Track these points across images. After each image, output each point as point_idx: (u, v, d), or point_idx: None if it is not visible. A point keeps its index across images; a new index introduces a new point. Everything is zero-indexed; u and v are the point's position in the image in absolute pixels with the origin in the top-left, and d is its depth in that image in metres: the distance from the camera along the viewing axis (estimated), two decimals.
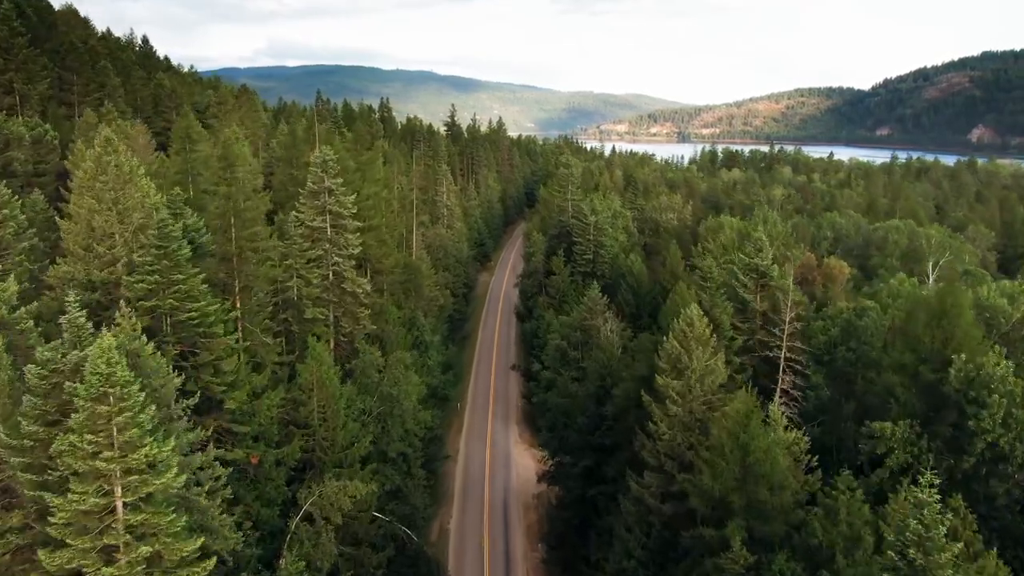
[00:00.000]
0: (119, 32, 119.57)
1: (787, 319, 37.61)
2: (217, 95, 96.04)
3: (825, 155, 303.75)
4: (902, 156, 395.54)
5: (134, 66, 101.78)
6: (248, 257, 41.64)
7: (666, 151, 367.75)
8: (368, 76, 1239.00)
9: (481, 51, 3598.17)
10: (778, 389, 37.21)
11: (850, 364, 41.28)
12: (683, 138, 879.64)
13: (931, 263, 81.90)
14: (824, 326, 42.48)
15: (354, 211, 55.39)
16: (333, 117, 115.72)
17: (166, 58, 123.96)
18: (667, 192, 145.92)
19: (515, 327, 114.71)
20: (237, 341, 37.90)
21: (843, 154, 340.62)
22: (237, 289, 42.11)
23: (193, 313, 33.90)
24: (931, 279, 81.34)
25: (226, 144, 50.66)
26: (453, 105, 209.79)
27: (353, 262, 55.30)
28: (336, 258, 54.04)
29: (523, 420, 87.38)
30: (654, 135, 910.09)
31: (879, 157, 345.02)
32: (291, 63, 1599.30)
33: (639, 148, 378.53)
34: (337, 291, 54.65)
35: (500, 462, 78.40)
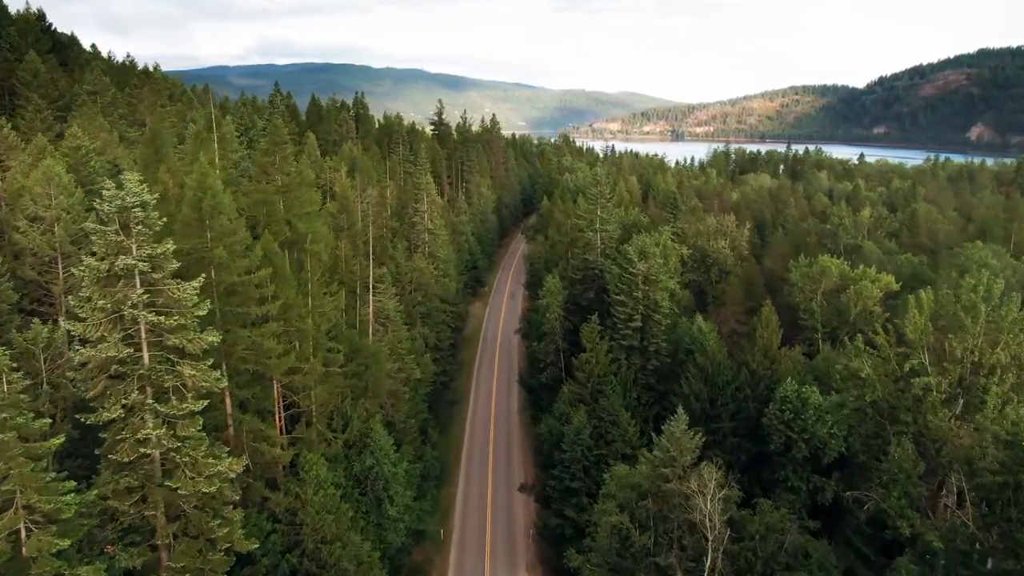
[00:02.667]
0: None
1: None
2: (90, 81, 65.51)
3: (841, 155, 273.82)
4: (902, 155, 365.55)
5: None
6: None
7: (661, 150, 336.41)
8: (358, 74, 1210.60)
9: (472, 49, 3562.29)
10: None
11: None
12: (677, 137, 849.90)
13: None
14: None
15: (204, 310, 25.13)
16: (266, 114, 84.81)
17: (67, 35, 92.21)
18: (701, 207, 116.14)
19: (517, 396, 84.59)
20: None
21: (843, 153, 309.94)
22: None
23: None
24: None
25: None
26: (440, 101, 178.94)
27: (198, 427, 24.96)
28: (153, 429, 23.73)
29: (536, 562, 57.60)
30: (647, 134, 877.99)
31: (880, 156, 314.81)
32: (282, 61, 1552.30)
33: (632, 147, 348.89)
34: (158, 496, 24.37)
35: None
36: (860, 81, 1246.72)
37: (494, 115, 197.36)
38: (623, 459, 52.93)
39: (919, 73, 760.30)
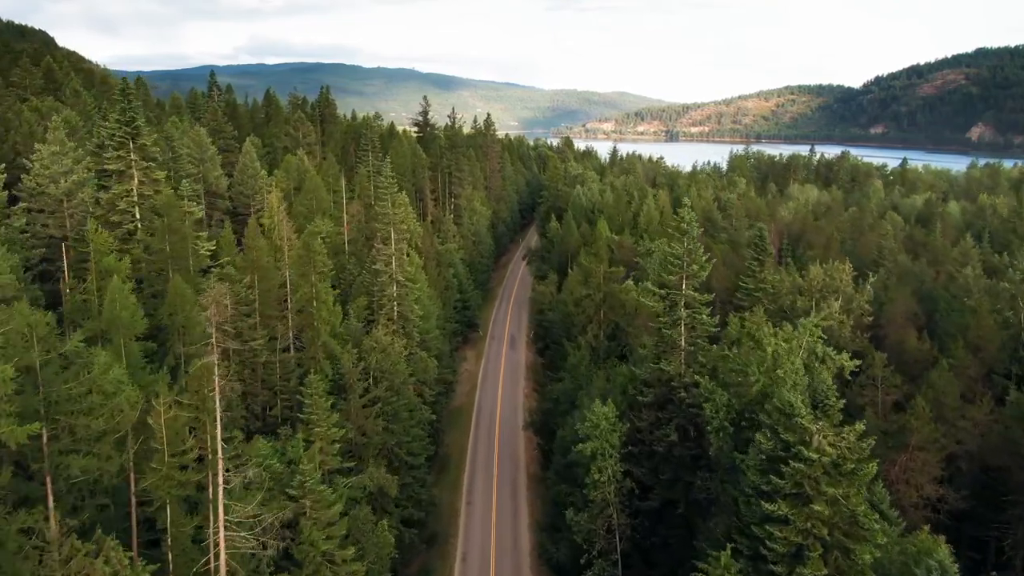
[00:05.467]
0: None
1: None
2: None
3: (876, 160, 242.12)
4: (903, 155, 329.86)
5: None
6: None
7: (657, 151, 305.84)
8: (349, 74, 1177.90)
9: (464, 49, 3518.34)
10: None
11: None
12: (671, 137, 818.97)
13: None
14: None
15: None
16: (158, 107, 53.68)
17: None
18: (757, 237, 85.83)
19: (530, 539, 54.28)
20: None
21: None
22: None
23: None
24: None
25: None
26: (426, 99, 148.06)
27: None
28: None
29: None
30: (641, 134, 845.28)
31: (880, 156, 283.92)
32: (272, 61, 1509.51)
33: (628, 148, 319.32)
34: None
35: None
36: (856, 81, 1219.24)
37: (488, 115, 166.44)
38: None
39: (917, 72, 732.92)
